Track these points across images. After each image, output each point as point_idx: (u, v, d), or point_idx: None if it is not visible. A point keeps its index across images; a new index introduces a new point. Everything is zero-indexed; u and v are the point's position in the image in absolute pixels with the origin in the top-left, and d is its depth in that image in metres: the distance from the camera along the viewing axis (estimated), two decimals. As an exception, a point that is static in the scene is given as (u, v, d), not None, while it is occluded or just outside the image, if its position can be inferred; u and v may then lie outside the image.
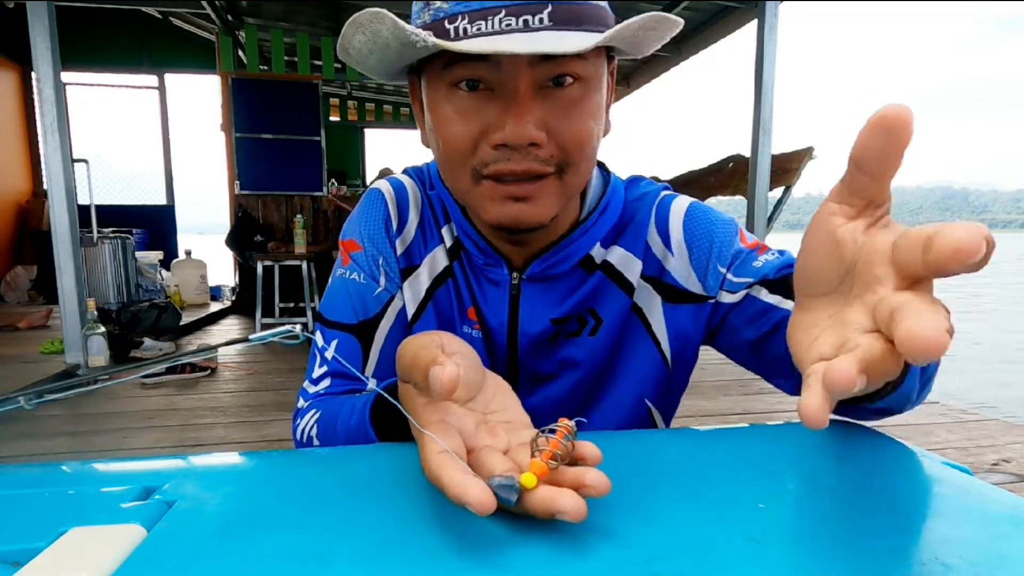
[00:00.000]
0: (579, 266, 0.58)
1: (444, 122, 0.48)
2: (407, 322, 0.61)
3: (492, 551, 0.27)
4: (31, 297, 5.54)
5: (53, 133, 2.75)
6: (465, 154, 0.48)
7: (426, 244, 0.61)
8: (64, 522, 0.29)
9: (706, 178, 3.79)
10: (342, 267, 0.63)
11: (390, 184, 0.64)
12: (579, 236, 0.57)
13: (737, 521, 0.30)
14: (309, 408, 0.58)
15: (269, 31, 4.91)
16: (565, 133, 0.47)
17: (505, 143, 0.46)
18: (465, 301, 0.60)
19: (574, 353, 0.59)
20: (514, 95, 0.45)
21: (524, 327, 0.58)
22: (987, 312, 8.55)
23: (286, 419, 2.22)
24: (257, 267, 3.79)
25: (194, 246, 6.06)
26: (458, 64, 0.46)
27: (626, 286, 0.59)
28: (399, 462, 0.38)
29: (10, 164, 5.96)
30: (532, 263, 0.57)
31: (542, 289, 0.58)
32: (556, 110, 0.47)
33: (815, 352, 0.27)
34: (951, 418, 2.24)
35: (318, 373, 0.60)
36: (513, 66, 0.45)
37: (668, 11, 3.60)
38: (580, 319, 0.59)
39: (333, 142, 6.22)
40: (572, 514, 0.27)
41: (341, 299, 0.61)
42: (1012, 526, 0.29)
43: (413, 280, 0.61)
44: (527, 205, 0.49)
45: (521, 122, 0.45)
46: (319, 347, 0.61)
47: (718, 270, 0.57)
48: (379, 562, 0.26)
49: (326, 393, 0.59)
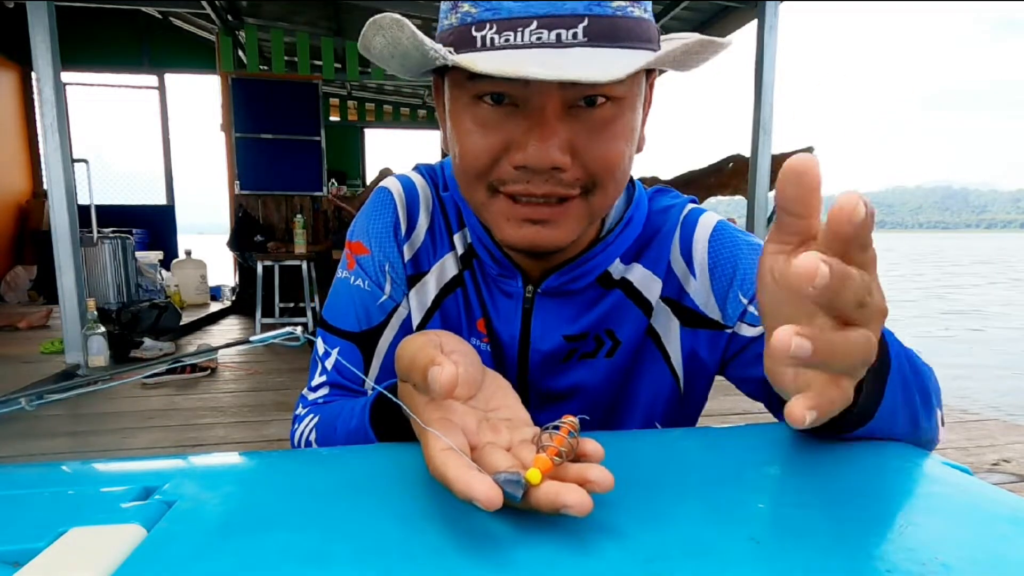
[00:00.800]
0: (597, 282, 0.56)
1: (464, 134, 0.46)
2: (412, 331, 0.59)
3: (492, 550, 0.27)
4: (31, 297, 5.54)
5: (53, 133, 2.75)
6: (483, 170, 0.46)
7: (435, 250, 0.59)
8: (64, 522, 0.29)
9: (706, 178, 3.80)
10: (347, 270, 0.60)
11: (400, 184, 0.61)
12: (600, 251, 0.54)
13: (737, 521, 0.30)
14: (307, 414, 0.58)
15: (269, 31, 4.91)
16: (592, 156, 0.44)
17: (526, 165, 0.43)
18: (475, 312, 0.57)
19: (587, 375, 0.57)
20: (540, 114, 0.42)
21: (536, 343, 0.56)
22: (990, 315, 8.55)
23: (286, 419, 2.22)
24: (257, 267, 3.79)
25: (194, 246, 6.06)
26: (484, 77, 0.41)
27: (644, 305, 0.56)
28: (399, 462, 0.38)
29: (10, 164, 5.96)
30: (549, 277, 0.54)
31: (557, 304, 0.55)
32: (585, 131, 0.44)
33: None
34: (951, 418, 2.24)
35: (317, 381, 0.60)
36: (542, 84, 0.41)
37: (668, 11, 3.54)
38: (597, 339, 0.56)
39: (333, 142, 6.23)
40: (578, 508, 0.27)
41: (344, 305, 0.60)
42: (1012, 526, 0.29)
43: (420, 288, 0.59)
44: (545, 228, 0.46)
45: (545, 145, 0.42)
46: (320, 355, 0.60)
47: (739, 299, 0.54)
48: (379, 562, 0.26)
49: (324, 402, 0.59)
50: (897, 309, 8.49)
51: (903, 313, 8.31)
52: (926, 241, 71.43)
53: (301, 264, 3.88)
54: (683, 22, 4.60)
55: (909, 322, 7.48)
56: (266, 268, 3.83)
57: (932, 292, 10.90)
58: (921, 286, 12.26)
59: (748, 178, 3.42)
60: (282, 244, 4.17)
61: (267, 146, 4.89)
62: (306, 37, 4.94)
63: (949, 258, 26.63)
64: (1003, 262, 23.38)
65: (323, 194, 5.04)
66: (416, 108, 8.04)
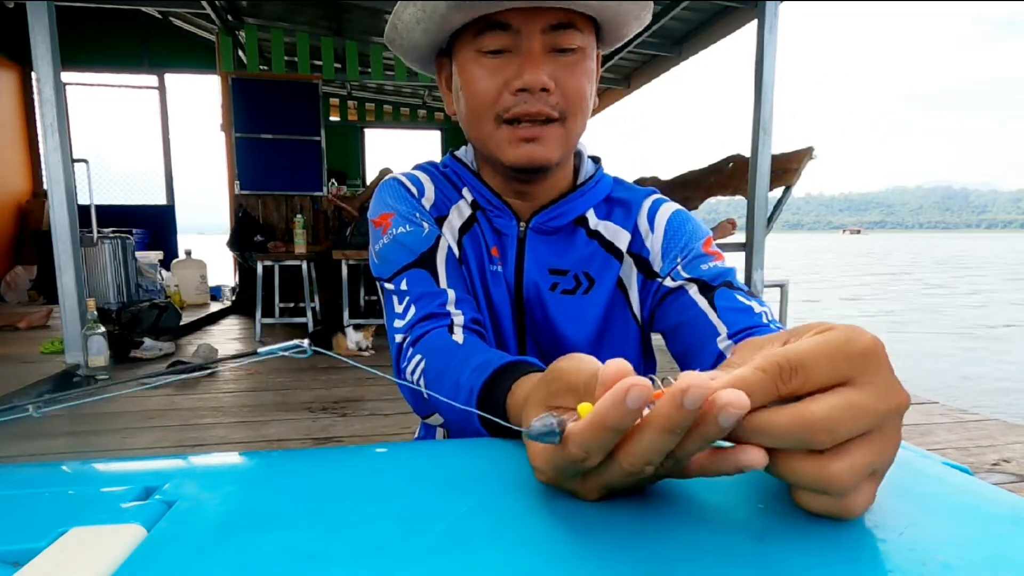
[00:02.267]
0: (576, 224, 0.69)
1: (474, 79, 0.61)
2: (456, 257, 0.68)
3: (492, 550, 0.27)
4: (31, 297, 5.54)
5: (53, 133, 2.75)
6: (490, 102, 0.60)
7: (448, 200, 0.71)
8: (64, 522, 0.29)
9: (706, 178, 3.79)
10: (383, 235, 0.67)
11: (398, 174, 0.72)
12: (576, 197, 0.69)
13: (738, 521, 0.30)
14: (413, 351, 0.60)
15: (269, 31, 4.91)
16: (568, 85, 0.60)
17: (523, 88, 0.58)
18: (490, 242, 0.70)
19: (570, 309, 0.68)
20: (530, 54, 0.58)
21: (528, 272, 0.68)
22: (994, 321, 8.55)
23: (286, 419, 2.22)
24: (257, 267, 3.79)
25: (194, 246, 6.06)
26: (487, 33, 0.59)
27: (616, 254, 0.69)
28: (399, 462, 0.38)
29: (10, 164, 5.96)
30: (537, 215, 0.68)
31: (544, 242, 0.69)
32: (561, 67, 0.60)
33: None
34: (951, 418, 2.24)
35: (401, 307, 0.64)
36: (529, 32, 0.58)
37: (668, 11, 3.71)
38: (576, 278, 0.68)
39: (333, 142, 6.23)
40: (751, 459, 0.26)
41: (394, 253, 0.66)
42: (1012, 526, 0.29)
43: (447, 224, 0.70)
44: (537, 145, 0.61)
45: (536, 71, 0.58)
46: (392, 291, 0.65)
47: (675, 258, 0.66)
48: (379, 562, 0.26)
49: (418, 320, 0.62)
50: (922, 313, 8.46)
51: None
52: (925, 241, 71.47)
53: (301, 264, 3.88)
54: (683, 22, 4.60)
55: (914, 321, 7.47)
56: (266, 268, 3.82)
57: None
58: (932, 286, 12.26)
59: (748, 178, 3.42)
60: (282, 244, 4.17)
61: (267, 146, 4.89)
62: (306, 37, 4.94)
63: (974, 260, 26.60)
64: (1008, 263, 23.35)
65: (323, 194, 5.04)
66: (416, 108, 8.04)
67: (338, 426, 2.16)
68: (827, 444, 0.25)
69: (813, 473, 0.26)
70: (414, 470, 0.36)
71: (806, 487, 0.27)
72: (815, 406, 0.25)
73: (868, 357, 0.26)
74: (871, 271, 18.16)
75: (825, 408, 0.25)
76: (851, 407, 0.25)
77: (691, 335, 0.62)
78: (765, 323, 0.58)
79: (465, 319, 0.62)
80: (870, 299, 10.33)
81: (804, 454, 0.26)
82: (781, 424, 0.26)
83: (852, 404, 0.25)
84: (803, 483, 0.27)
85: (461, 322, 0.61)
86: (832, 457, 0.26)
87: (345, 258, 3.59)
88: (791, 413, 0.26)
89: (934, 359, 5.32)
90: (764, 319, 0.59)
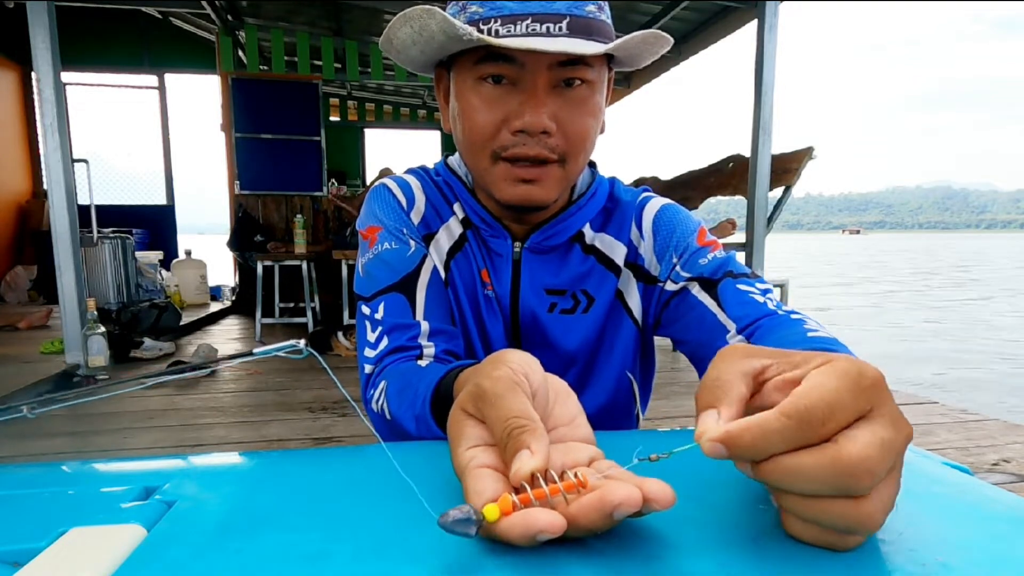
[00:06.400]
0: (573, 241, 0.67)
1: (471, 110, 0.57)
2: (442, 279, 0.65)
3: (492, 550, 0.27)
4: (31, 297, 5.54)
5: (53, 133, 2.74)
6: (487, 138, 0.57)
7: (439, 215, 0.68)
8: (64, 522, 0.29)
9: (706, 178, 3.79)
10: (369, 249, 0.65)
11: (390, 179, 0.70)
12: (573, 212, 0.65)
13: (737, 521, 0.30)
14: (378, 378, 0.59)
15: (269, 31, 4.91)
16: (570, 127, 0.56)
17: (523, 129, 0.55)
18: (480, 264, 0.67)
19: (570, 329, 0.66)
20: (533, 90, 0.54)
21: (524, 294, 0.65)
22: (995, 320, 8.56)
23: (286, 419, 2.22)
24: (257, 267, 3.79)
25: (194, 246, 6.06)
26: (488, 62, 0.54)
27: (614, 268, 0.67)
28: (399, 462, 0.38)
29: (10, 164, 5.96)
30: (532, 235, 0.65)
31: (540, 261, 0.66)
32: (565, 106, 0.55)
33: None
34: (951, 418, 2.24)
35: (373, 336, 0.62)
36: (535, 67, 0.54)
37: (668, 11, 3.68)
38: (574, 297, 0.66)
39: (333, 142, 6.22)
40: (628, 504, 0.25)
41: (376, 271, 0.64)
42: (1012, 526, 0.29)
43: (435, 244, 0.67)
44: (534, 187, 0.57)
45: (537, 113, 0.54)
46: (367, 316, 0.63)
47: (672, 259, 0.64)
48: (379, 562, 0.26)
49: (387, 352, 0.60)
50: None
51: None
52: (925, 241, 71.48)
53: (301, 264, 3.88)
54: (683, 22, 4.59)
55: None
56: (266, 268, 3.82)
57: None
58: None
59: (748, 178, 3.42)
60: (282, 244, 4.17)
61: (267, 146, 4.89)
62: (306, 37, 4.94)
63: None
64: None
65: (323, 194, 5.04)
66: (416, 108, 8.04)
67: (338, 426, 2.16)
68: (869, 489, 0.24)
69: (850, 515, 0.25)
70: (414, 470, 0.36)
71: (840, 529, 0.26)
72: (851, 448, 0.24)
73: (879, 388, 0.26)
74: (869, 271, 18.16)
75: (861, 449, 0.24)
76: (883, 445, 0.24)
77: (700, 335, 0.61)
78: (772, 310, 0.57)
79: (436, 350, 0.60)
80: (862, 295, 10.34)
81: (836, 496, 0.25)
82: (819, 471, 0.24)
83: (883, 442, 0.24)
84: (838, 526, 0.25)
85: (432, 353, 0.59)
86: (866, 497, 0.25)
87: (345, 258, 3.59)
88: (828, 459, 0.24)
89: (933, 360, 5.32)
90: (770, 305, 0.57)
